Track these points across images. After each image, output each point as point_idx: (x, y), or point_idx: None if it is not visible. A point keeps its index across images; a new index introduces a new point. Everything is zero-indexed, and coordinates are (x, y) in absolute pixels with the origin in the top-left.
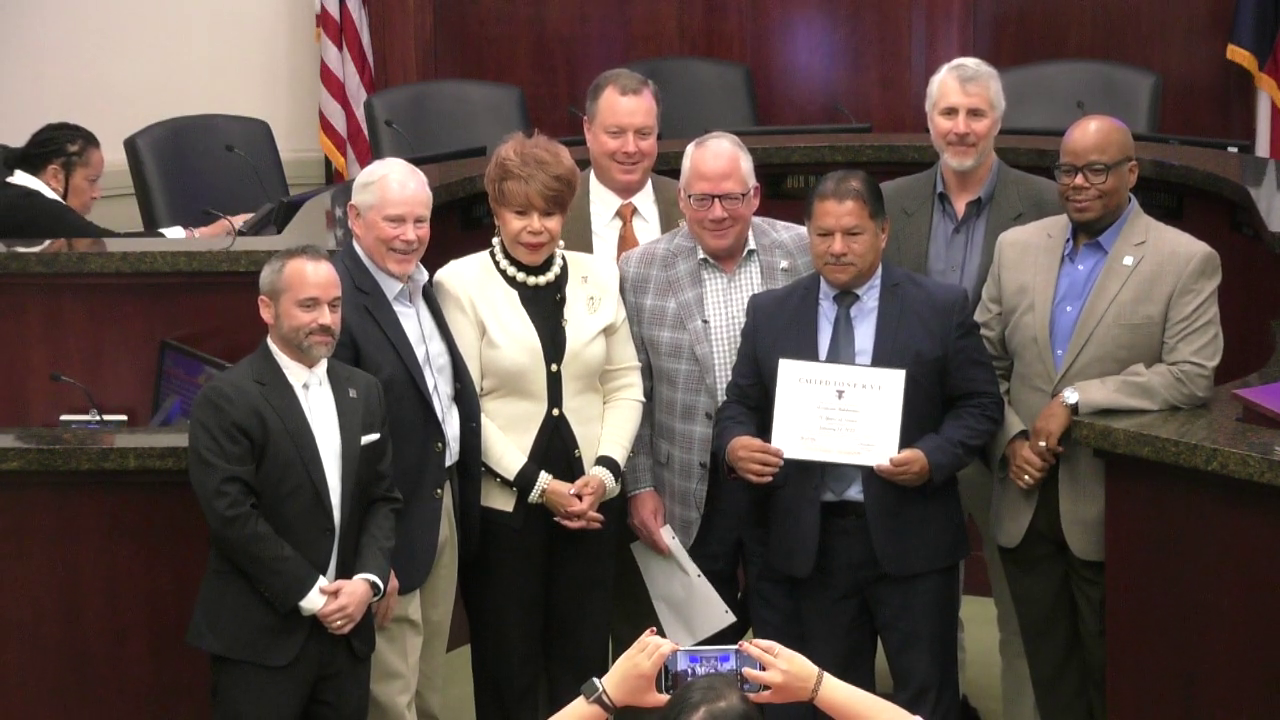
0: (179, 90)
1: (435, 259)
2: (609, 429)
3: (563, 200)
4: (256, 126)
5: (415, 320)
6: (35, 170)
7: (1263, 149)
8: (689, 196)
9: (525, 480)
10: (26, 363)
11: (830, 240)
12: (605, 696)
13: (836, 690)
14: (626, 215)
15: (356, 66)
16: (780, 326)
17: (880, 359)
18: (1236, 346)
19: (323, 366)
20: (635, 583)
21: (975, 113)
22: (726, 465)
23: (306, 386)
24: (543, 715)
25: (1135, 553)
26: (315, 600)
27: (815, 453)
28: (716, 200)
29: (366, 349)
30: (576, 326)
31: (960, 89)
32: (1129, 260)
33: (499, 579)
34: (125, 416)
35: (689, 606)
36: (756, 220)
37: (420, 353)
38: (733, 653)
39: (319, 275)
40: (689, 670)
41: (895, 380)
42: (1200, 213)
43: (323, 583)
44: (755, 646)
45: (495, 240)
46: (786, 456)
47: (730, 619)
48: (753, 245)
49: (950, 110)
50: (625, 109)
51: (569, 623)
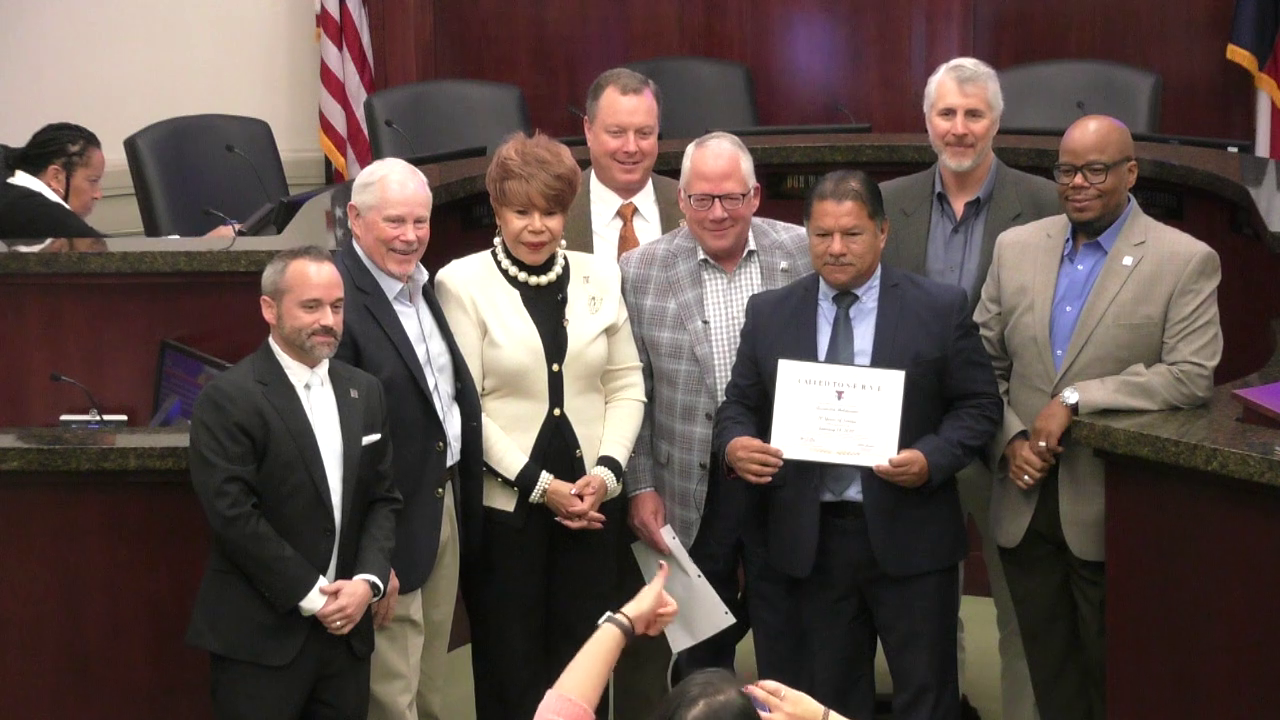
0: (179, 90)
1: (435, 259)
2: (610, 429)
3: (564, 200)
4: (256, 126)
5: (415, 320)
6: (36, 171)
7: (1263, 149)
8: (689, 197)
9: (526, 480)
10: (26, 363)
11: (829, 240)
12: (624, 619)
13: None
14: (627, 215)
15: (356, 66)
16: (779, 327)
17: (880, 360)
18: (1236, 346)
19: (324, 367)
20: (636, 583)
21: (973, 113)
22: (726, 465)
23: (308, 387)
24: None
25: (1135, 553)
26: (315, 600)
27: (814, 453)
28: (717, 200)
29: (367, 349)
30: (578, 326)
31: (958, 90)
32: (1128, 260)
33: (500, 579)
34: (125, 416)
35: (689, 607)
36: (757, 221)
37: (421, 352)
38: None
39: (322, 276)
40: None
41: (895, 381)
42: (1200, 213)
43: (323, 583)
44: (761, 689)
45: (497, 240)
46: (786, 457)
47: (730, 620)
48: (753, 246)
49: (948, 111)
50: (626, 108)
51: (570, 623)
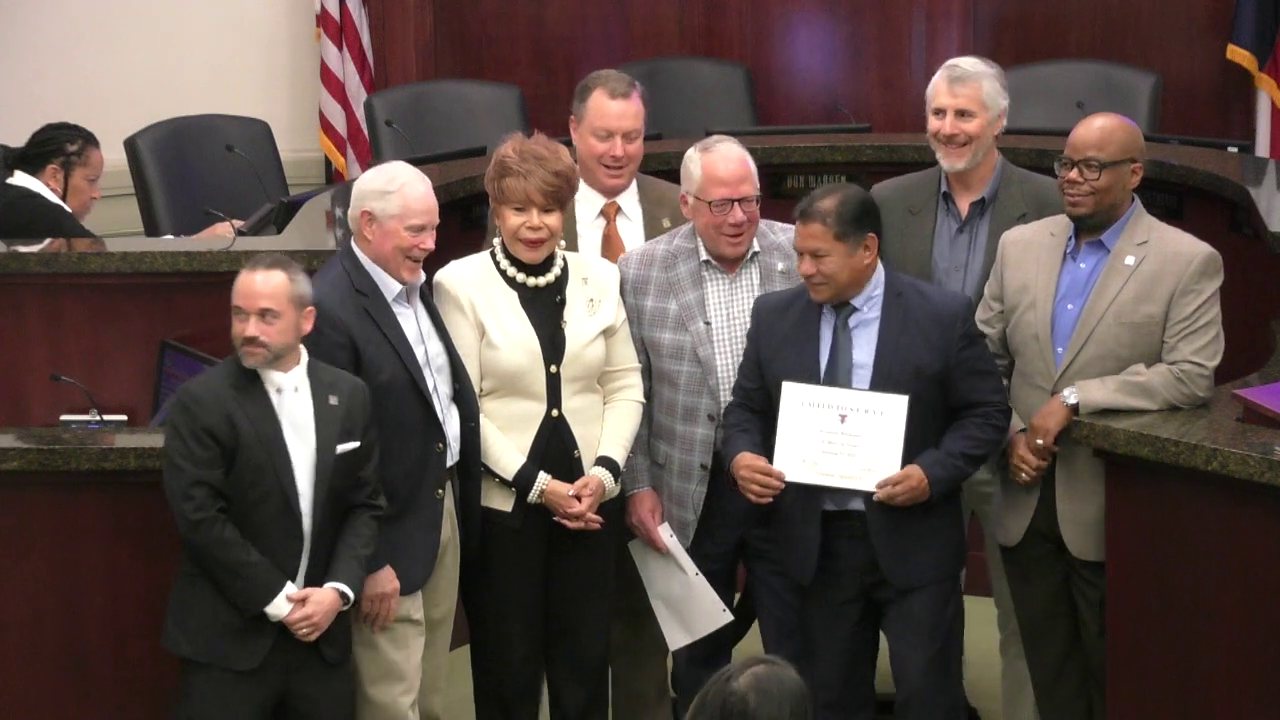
0: (179, 90)
1: (435, 259)
2: (609, 429)
3: (561, 197)
4: (256, 126)
5: (414, 321)
6: (35, 170)
7: (1263, 149)
8: (707, 204)
9: (524, 481)
10: (26, 363)
11: (802, 260)
12: None
13: None
14: (610, 214)
15: (356, 66)
16: (783, 333)
17: (880, 372)
18: (1236, 346)
19: (300, 371)
20: (635, 583)
21: (963, 114)
22: (730, 476)
23: (280, 391)
24: (544, 716)
25: (1135, 553)
26: (281, 607)
27: (817, 476)
28: (736, 204)
29: (367, 351)
30: (576, 328)
31: (948, 90)
32: (1131, 260)
33: (498, 579)
34: (125, 416)
35: (687, 605)
36: (759, 222)
37: (420, 353)
38: None
39: (246, 285)
40: None
41: (898, 406)
42: (1200, 213)
43: (290, 589)
44: None
45: (496, 241)
46: (788, 480)
47: (727, 618)
48: (756, 248)
49: (939, 110)
50: (614, 112)
51: (569, 623)
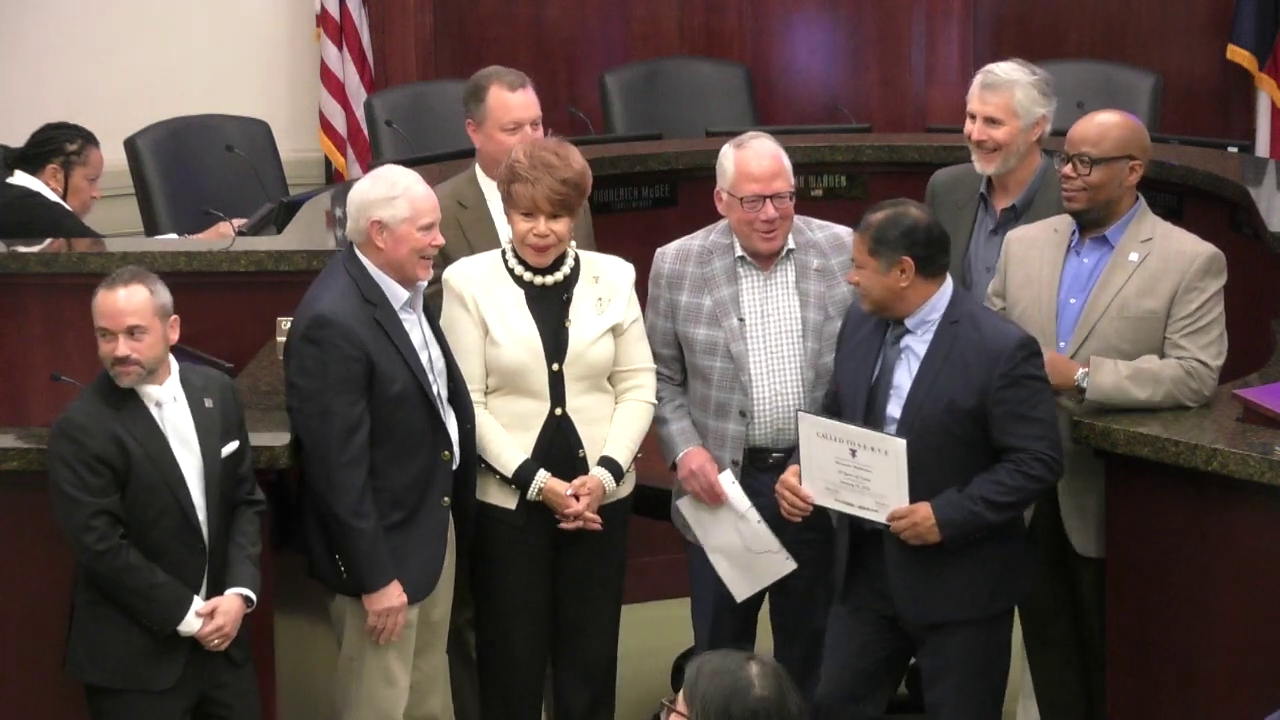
0: (179, 90)
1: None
2: (616, 429)
3: (570, 204)
4: (256, 126)
5: (417, 327)
6: (34, 170)
7: (1263, 149)
8: (739, 200)
9: (523, 478)
10: (26, 363)
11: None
12: None
13: None
14: None
15: (356, 66)
16: (857, 340)
17: (911, 402)
18: (1236, 346)
19: (174, 381)
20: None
21: (991, 120)
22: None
23: (159, 404)
24: (549, 717)
25: (1135, 553)
26: (192, 623)
27: (838, 504)
28: (768, 200)
29: (380, 363)
30: (580, 326)
31: (978, 95)
32: (1134, 256)
33: (501, 578)
34: None
35: (750, 554)
36: (795, 219)
37: (424, 360)
38: None
39: (109, 304)
40: None
41: (898, 449)
42: (1200, 213)
43: (198, 604)
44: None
45: (506, 241)
46: (815, 503)
47: (791, 565)
48: (791, 244)
49: (971, 115)
50: (518, 104)
51: (575, 624)
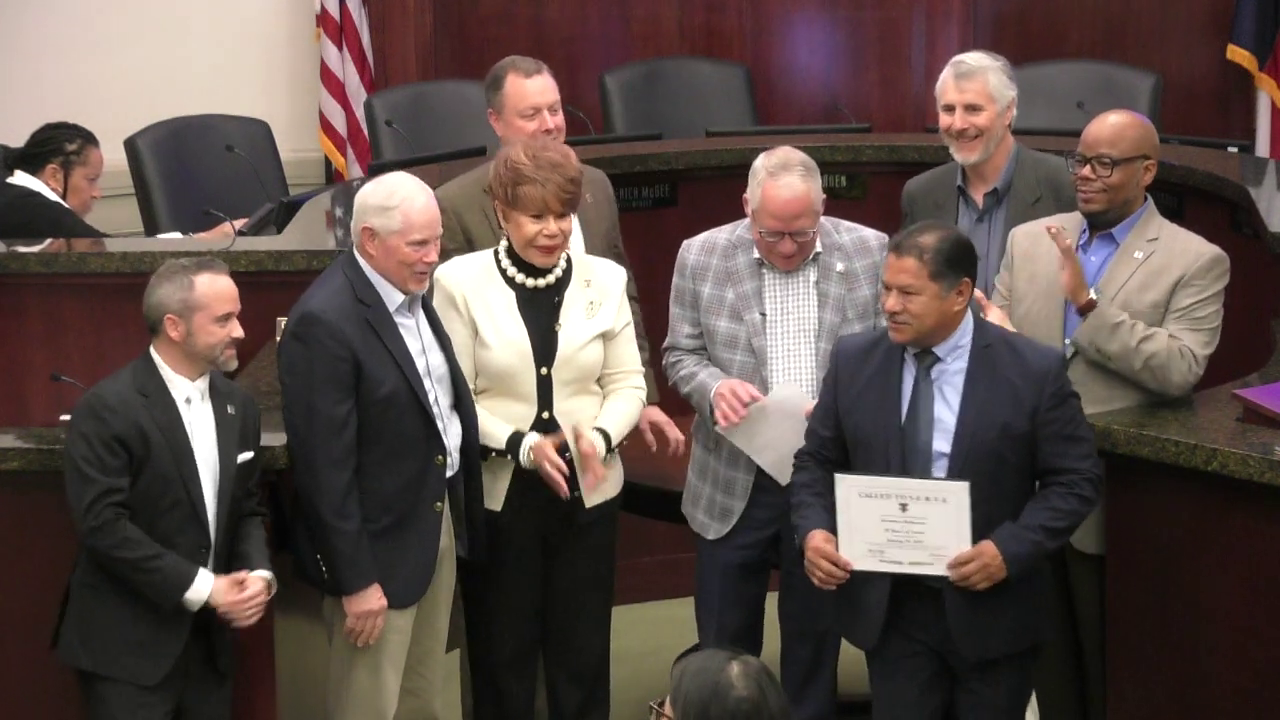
0: (179, 90)
1: None
2: (608, 408)
3: (575, 202)
4: (256, 126)
5: (416, 332)
6: (34, 170)
7: (1263, 149)
8: (760, 231)
9: (514, 444)
10: (26, 363)
11: (888, 295)
12: None
13: None
14: None
15: (356, 66)
16: (864, 380)
17: (964, 430)
18: (1236, 346)
19: (205, 380)
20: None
21: (971, 108)
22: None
23: (189, 401)
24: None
25: (1135, 552)
26: (202, 590)
27: (885, 564)
28: (788, 236)
29: (369, 364)
30: (570, 330)
31: (955, 85)
32: (1139, 254)
33: (489, 579)
34: None
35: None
36: (823, 220)
37: (421, 365)
38: None
39: (229, 288)
40: None
41: (960, 494)
42: (1200, 213)
43: (208, 577)
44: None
45: (502, 243)
46: (855, 569)
47: (809, 401)
48: (818, 248)
49: (949, 107)
50: (535, 89)
51: (566, 624)
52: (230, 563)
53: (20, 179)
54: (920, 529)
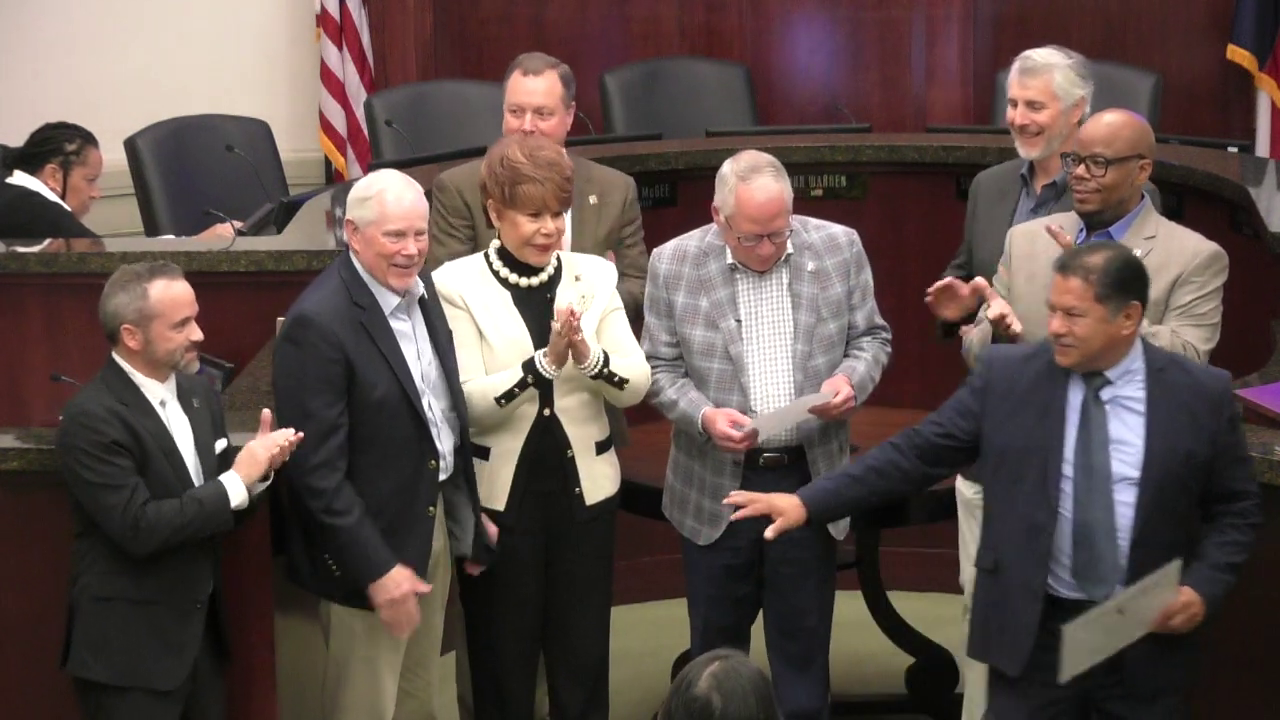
0: (179, 90)
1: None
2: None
3: (570, 200)
4: (256, 126)
5: (411, 336)
6: (33, 170)
7: (1263, 149)
8: (738, 237)
9: (530, 365)
10: (26, 363)
11: (1053, 318)
12: None
13: None
14: None
15: (356, 66)
16: (1020, 394)
17: (1151, 458)
18: (1236, 346)
19: (173, 380)
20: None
21: (1033, 104)
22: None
23: (163, 403)
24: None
25: None
26: (237, 488)
27: (1097, 658)
28: (765, 238)
29: (361, 368)
30: None
31: (1019, 81)
32: (1138, 252)
33: (492, 577)
34: None
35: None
36: (792, 219)
37: (416, 370)
38: None
39: (186, 293)
40: None
41: (1171, 573)
42: (1200, 213)
43: (228, 476)
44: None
45: (493, 245)
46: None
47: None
48: (790, 249)
49: (1013, 101)
50: (525, 89)
51: (566, 624)
52: (218, 549)
53: (19, 179)
54: (1135, 614)
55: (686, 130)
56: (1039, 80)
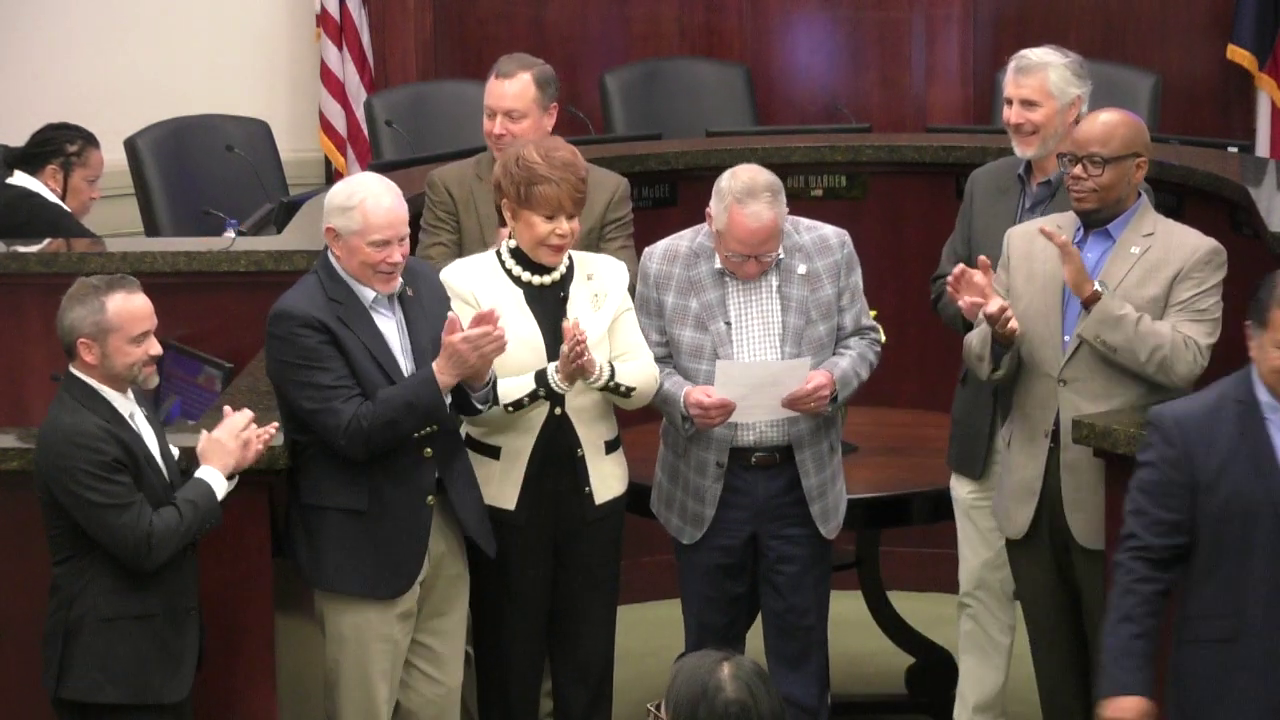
0: (179, 90)
1: None
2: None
3: (584, 201)
4: (256, 126)
5: (393, 327)
6: (34, 170)
7: (1263, 149)
8: (726, 254)
9: (541, 377)
10: (26, 363)
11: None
12: None
13: None
14: None
15: (356, 66)
16: (1224, 449)
17: None
18: (1237, 346)
19: (130, 391)
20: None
21: (1028, 103)
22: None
23: (132, 416)
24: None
25: None
26: (215, 480)
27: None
28: (752, 259)
29: (344, 355)
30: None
31: (1013, 80)
32: (1135, 250)
33: (500, 577)
34: None
35: (777, 386)
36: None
37: (404, 363)
38: None
39: (146, 306)
40: None
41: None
42: (1200, 213)
43: (205, 470)
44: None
45: (504, 244)
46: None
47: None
48: (780, 254)
49: (1008, 100)
50: (496, 92)
51: (571, 625)
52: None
53: (20, 179)
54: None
55: (686, 130)
56: (1034, 79)
